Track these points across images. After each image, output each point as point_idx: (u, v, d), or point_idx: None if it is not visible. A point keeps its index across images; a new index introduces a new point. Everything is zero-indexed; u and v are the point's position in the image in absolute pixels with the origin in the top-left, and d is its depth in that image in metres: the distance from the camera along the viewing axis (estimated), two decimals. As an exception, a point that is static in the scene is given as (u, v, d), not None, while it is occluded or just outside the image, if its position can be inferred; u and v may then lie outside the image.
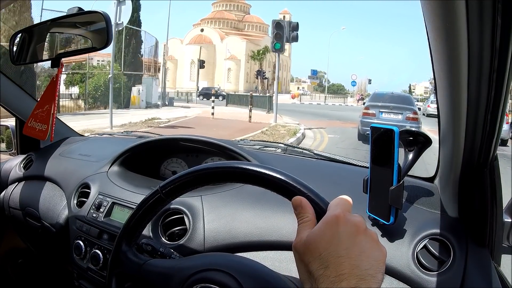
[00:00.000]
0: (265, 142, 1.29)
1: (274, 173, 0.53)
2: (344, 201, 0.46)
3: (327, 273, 0.39)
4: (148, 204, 0.63)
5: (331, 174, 0.98)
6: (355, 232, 0.41)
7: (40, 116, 1.05)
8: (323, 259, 0.39)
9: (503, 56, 0.44)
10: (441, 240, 0.68)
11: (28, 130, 1.06)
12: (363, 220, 0.43)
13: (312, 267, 0.40)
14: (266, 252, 0.77)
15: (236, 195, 0.89)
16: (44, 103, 1.05)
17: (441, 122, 0.64)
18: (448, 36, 0.45)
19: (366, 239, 0.41)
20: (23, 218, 1.28)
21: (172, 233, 0.86)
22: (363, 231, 0.41)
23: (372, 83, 68.23)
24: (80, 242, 0.98)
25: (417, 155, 0.73)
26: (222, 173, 0.58)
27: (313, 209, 0.47)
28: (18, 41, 1.05)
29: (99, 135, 1.70)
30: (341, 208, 0.44)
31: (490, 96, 0.50)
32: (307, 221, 0.45)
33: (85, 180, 1.12)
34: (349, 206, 0.45)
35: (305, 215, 0.46)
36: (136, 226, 0.64)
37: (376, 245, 0.42)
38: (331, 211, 0.43)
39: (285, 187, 0.52)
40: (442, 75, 0.53)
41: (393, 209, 0.66)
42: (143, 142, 1.12)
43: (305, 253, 0.41)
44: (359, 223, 0.42)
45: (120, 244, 0.64)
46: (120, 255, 0.64)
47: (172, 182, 0.61)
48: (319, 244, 0.40)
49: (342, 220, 0.41)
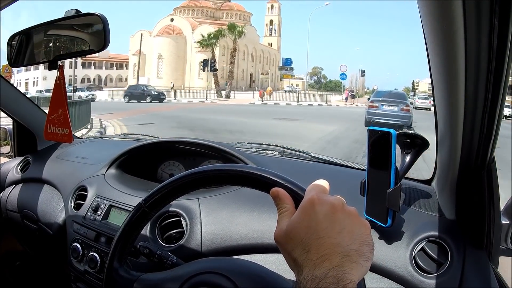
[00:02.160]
0: (263, 145, 1.29)
1: (249, 170, 0.54)
2: (318, 184, 0.46)
3: (309, 256, 0.38)
4: (133, 220, 0.63)
5: (328, 177, 0.97)
6: (332, 210, 0.41)
7: (57, 120, 1.07)
8: (304, 243, 0.39)
9: (500, 58, 0.44)
10: (439, 242, 0.68)
11: (50, 135, 1.08)
12: (340, 198, 0.43)
13: (295, 254, 0.40)
14: (263, 255, 0.77)
15: (233, 197, 0.88)
16: (57, 107, 1.06)
17: (438, 124, 0.64)
18: (445, 38, 0.45)
19: (344, 215, 0.41)
20: (20, 221, 1.28)
21: (169, 236, 0.86)
22: (340, 208, 0.41)
23: (366, 75, 57.08)
24: (77, 244, 0.98)
25: (415, 158, 0.73)
26: (200, 179, 0.58)
27: (291, 198, 0.47)
28: (15, 43, 1.05)
29: (96, 138, 1.70)
30: (316, 191, 0.44)
31: (488, 98, 0.50)
32: (286, 211, 0.45)
33: (82, 182, 1.12)
34: (323, 188, 0.46)
35: (283, 205, 0.46)
36: (125, 243, 0.64)
37: (357, 219, 0.42)
38: (306, 196, 0.43)
39: (262, 181, 0.52)
40: (440, 77, 0.53)
41: (391, 212, 0.66)
42: (140, 144, 1.12)
43: (287, 242, 0.41)
44: (335, 200, 0.42)
45: (111, 262, 0.64)
46: (113, 274, 0.63)
47: (152, 195, 0.61)
48: (298, 230, 0.41)
49: (317, 202, 0.41)
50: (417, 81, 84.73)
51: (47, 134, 1.09)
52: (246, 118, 13.54)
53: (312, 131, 10.26)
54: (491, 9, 0.40)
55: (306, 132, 10.07)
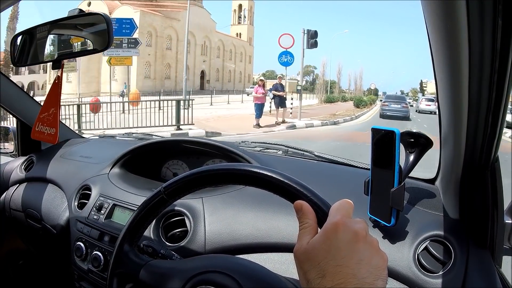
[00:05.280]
0: (267, 144, 1.29)
1: (276, 176, 0.53)
2: (344, 205, 0.45)
3: (323, 282, 0.38)
4: (150, 205, 0.63)
5: (333, 176, 0.98)
6: (354, 239, 0.40)
7: (47, 119, 1.05)
8: (321, 268, 0.39)
9: (504, 57, 0.44)
10: (442, 241, 0.68)
11: (37, 134, 1.07)
12: (364, 225, 0.42)
13: (310, 276, 0.40)
14: (267, 254, 0.77)
15: (237, 197, 0.89)
16: (49, 106, 1.05)
17: (442, 123, 0.64)
18: (449, 37, 0.45)
19: (365, 246, 0.40)
20: (24, 220, 1.28)
21: (173, 235, 0.86)
22: (362, 238, 0.41)
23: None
24: (81, 243, 0.98)
25: (418, 157, 0.73)
26: (224, 175, 0.58)
27: (314, 213, 0.46)
28: (19, 43, 1.06)
29: (100, 137, 1.70)
30: (341, 214, 0.43)
31: (491, 97, 0.50)
32: (307, 227, 0.45)
33: (86, 182, 1.12)
34: (349, 210, 0.44)
35: (305, 220, 0.45)
36: (138, 227, 0.64)
37: (376, 252, 0.41)
38: (331, 218, 0.43)
39: (287, 189, 0.52)
40: (443, 76, 0.53)
41: (394, 211, 0.66)
42: (144, 144, 1.12)
43: (305, 261, 0.41)
44: (359, 229, 0.41)
45: (122, 244, 0.64)
46: (122, 256, 0.64)
47: (175, 182, 0.61)
48: (318, 253, 0.40)
49: (341, 227, 0.41)
50: (425, 82, 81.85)
51: (34, 132, 1.07)
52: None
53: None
54: (495, 8, 0.40)
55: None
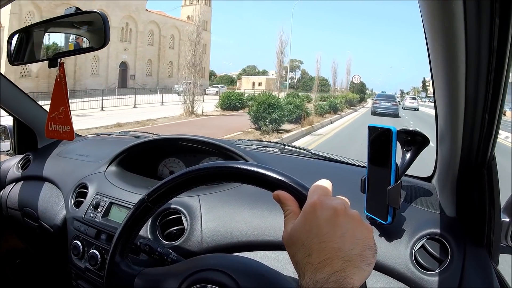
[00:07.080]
0: (263, 142, 1.29)
1: (251, 167, 0.54)
2: (320, 186, 0.45)
3: (310, 260, 0.39)
4: (136, 214, 0.63)
5: (329, 174, 0.98)
6: (334, 215, 0.41)
7: (58, 118, 1.07)
8: (306, 247, 0.40)
9: (500, 55, 0.44)
10: (439, 239, 0.68)
11: (52, 133, 1.09)
12: (343, 201, 0.43)
13: (297, 257, 0.40)
14: (264, 252, 0.77)
15: (234, 195, 0.88)
16: (58, 105, 1.06)
17: (439, 121, 0.64)
18: (446, 35, 0.45)
19: (347, 219, 0.41)
20: (21, 218, 1.28)
21: (170, 233, 0.86)
22: (342, 212, 0.41)
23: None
24: (78, 242, 0.98)
25: (415, 155, 0.73)
26: (202, 175, 0.58)
27: (293, 199, 0.47)
28: (15, 41, 1.05)
29: (97, 135, 1.70)
30: (318, 194, 0.43)
31: (488, 95, 0.50)
32: (290, 213, 0.45)
33: (82, 180, 1.12)
34: (326, 189, 0.45)
35: (286, 208, 0.46)
36: (127, 238, 0.64)
37: (359, 223, 0.41)
38: (309, 200, 0.43)
39: (266, 180, 0.52)
40: (440, 74, 0.53)
41: (391, 209, 0.66)
42: (140, 142, 1.12)
43: (291, 246, 0.42)
44: (337, 205, 0.42)
45: (113, 257, 0.64)
46: (114, 268, 0.63)
47: (157, 189, 0.61)
48: (300, 234, 0.41)
49: (318, 206, 0.41)
50: (428, 80, 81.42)
51: (48, 132, 1.09)
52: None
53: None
54: (492, 6, 0.40)
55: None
